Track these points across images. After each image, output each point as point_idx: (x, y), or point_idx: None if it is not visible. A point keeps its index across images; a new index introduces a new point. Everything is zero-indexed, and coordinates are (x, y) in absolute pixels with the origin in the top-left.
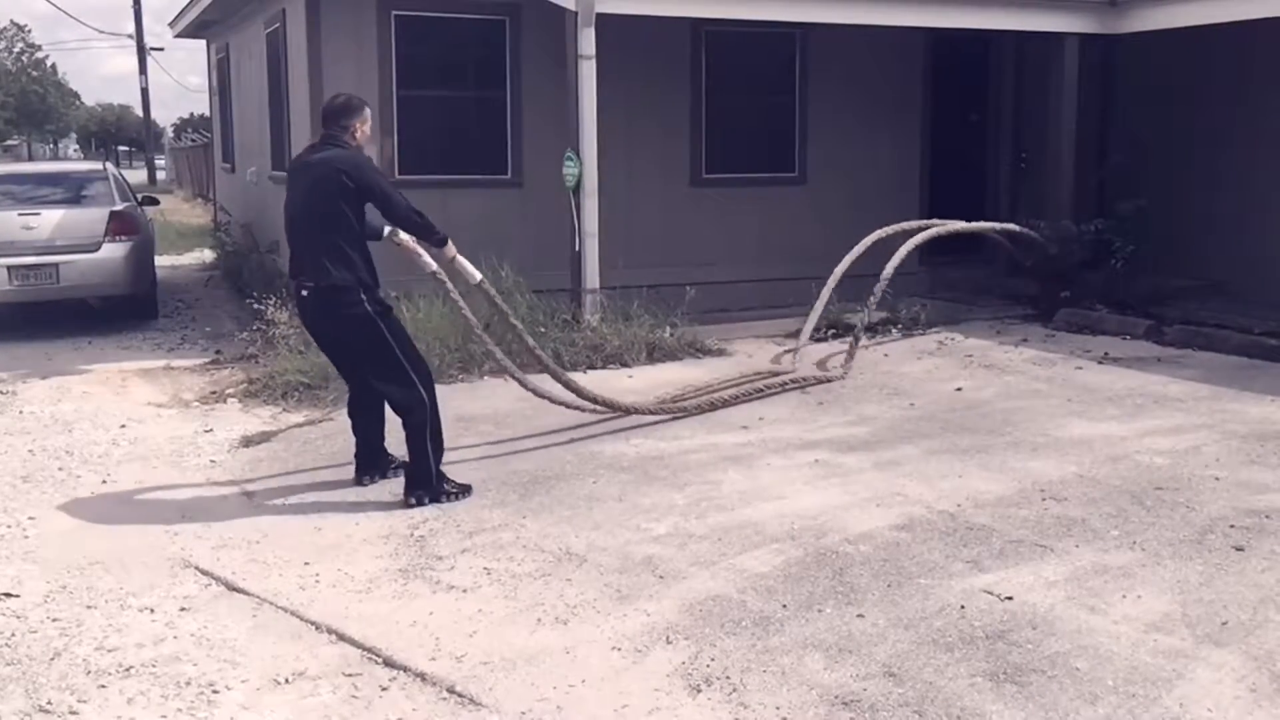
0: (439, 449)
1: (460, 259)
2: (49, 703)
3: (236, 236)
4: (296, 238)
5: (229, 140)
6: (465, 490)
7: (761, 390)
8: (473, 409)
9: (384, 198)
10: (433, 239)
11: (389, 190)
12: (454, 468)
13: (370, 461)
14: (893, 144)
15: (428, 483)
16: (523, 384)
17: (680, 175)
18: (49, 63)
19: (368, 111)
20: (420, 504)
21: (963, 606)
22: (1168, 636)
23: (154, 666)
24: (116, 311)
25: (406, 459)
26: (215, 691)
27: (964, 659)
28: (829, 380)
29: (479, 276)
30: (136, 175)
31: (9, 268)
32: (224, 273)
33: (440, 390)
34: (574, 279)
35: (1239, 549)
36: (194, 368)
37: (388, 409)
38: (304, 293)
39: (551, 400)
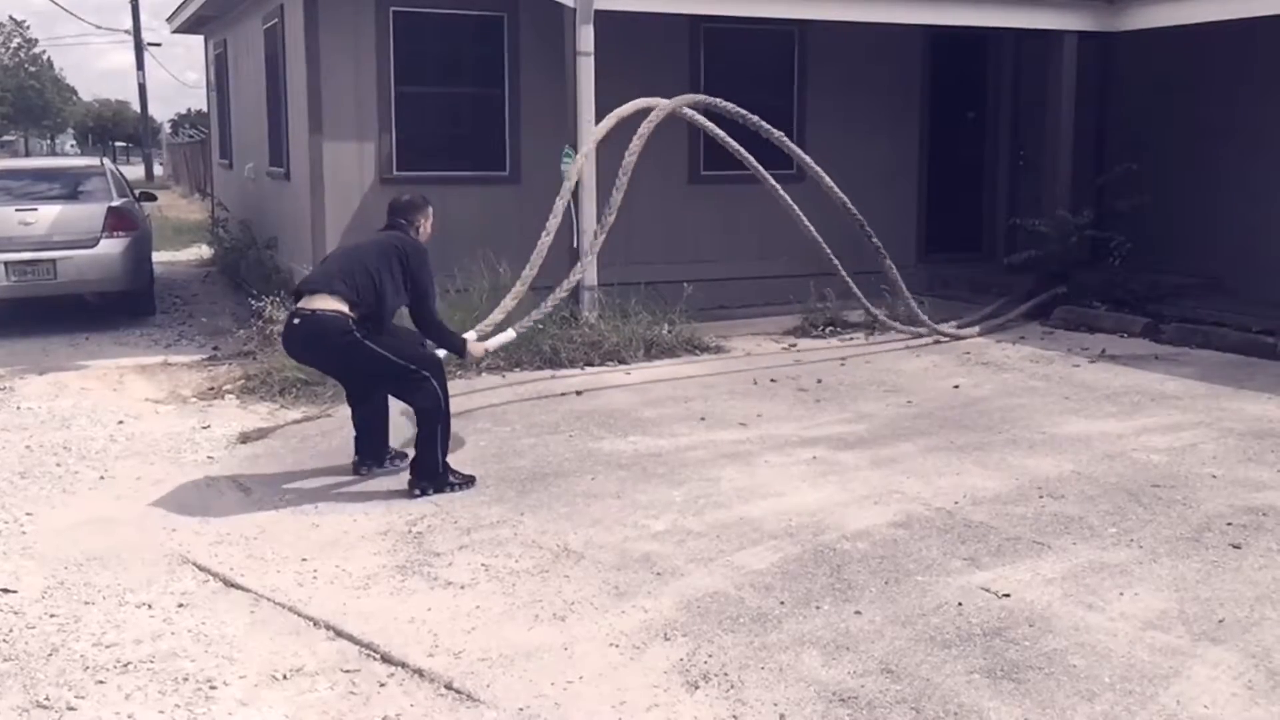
0: (446, 440)
1: (489, 343)
2: (47, 698)
3: (234, 232)
4: (334, 261)
5: (227, 136)
6: (469, 481)
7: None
8: (470, 405)
9: (421, 299)
10: (452, 350)
11: (429, 294)
12: (453, 464)
13: (370, 451)
14: (891, 141)
15: (434, 473)
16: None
17: (678, 172)
18: (46, 58)
19: (430, 210)
20: (425, 494)
21: (960, 604)
22: (1165, 634)
23: (152, 662)
24: (114, 307)
25: (408, 452)
26: (213, 687)
27: (961, 656)
28: None
29: (513, 335)
30: (134, 171)
31: (6, 264)
32: (221, 269)
33: None
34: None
35: (1236, 546)
36: (191, 364)
37: (391, 401)
38: (296, 320)
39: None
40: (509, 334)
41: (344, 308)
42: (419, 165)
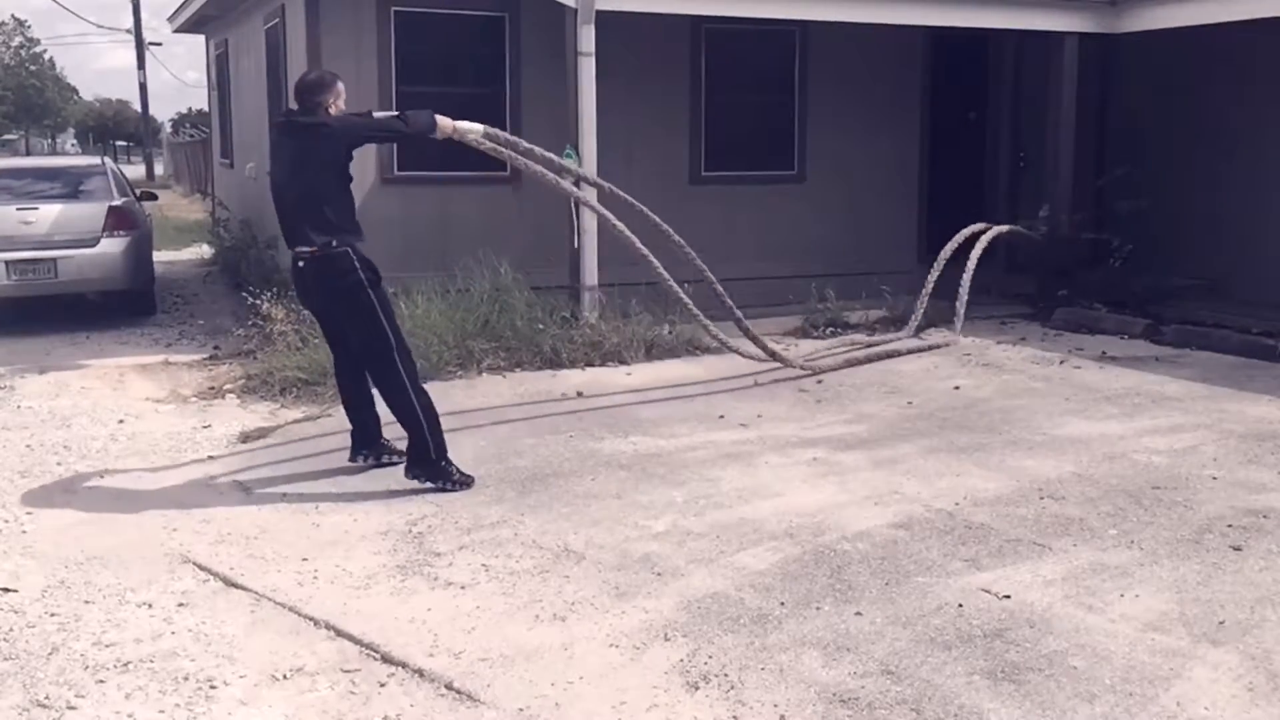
0: (434, 423)
1: (459, 124)
2: (46, 698)
3: (235, 232)
4: (285, 206)
5: (227, 136)
6: (468, 480)
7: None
8: (471, 405)
9: (386, 134)
10: (428, 131)
11: (374, 124)
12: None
13: (364, 440)
14: (892, 142)
15: (426, 457)
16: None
17: (679, 173)
18: (47, 57)
19: (340, 86)
20: (419, 479)
21: (960, 605)
22: (1165, 635)
23: (152, 662)
24: (114, 307)
25: (405, 447)
26: (213, 687)
27: (962, 657)
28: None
29: (480, 129)
30: (134, 170)
31: (7, 263)
32: (222, 268)
33: (438, 387)
34: (572, 276)
35: (1236, 548)
36: (192, 363)
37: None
38: (300, 263)
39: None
40: (477, 127)
41: (335, 241)
42: (420, 165)
